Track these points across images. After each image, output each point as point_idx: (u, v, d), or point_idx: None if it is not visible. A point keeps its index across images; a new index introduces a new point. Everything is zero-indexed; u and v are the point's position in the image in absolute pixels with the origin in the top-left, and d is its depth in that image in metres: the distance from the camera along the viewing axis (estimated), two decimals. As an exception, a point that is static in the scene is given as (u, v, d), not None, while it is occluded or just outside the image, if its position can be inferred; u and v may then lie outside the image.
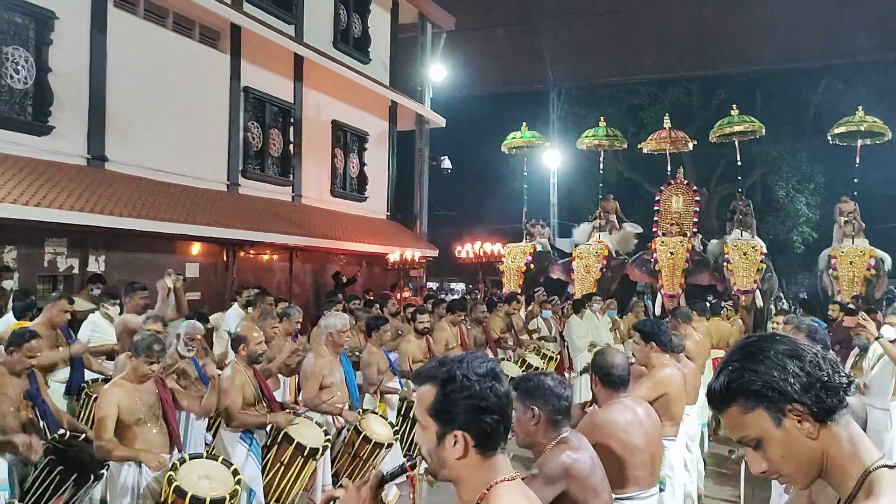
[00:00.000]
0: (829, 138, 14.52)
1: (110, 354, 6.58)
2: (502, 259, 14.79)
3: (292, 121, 14.47)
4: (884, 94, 22.98)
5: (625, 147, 16.78)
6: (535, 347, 9.57)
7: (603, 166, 16.96)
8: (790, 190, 26.19)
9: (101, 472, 4.30)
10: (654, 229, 14.19)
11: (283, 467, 4.97)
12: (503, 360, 8.77)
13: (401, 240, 16.51)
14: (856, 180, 14.05)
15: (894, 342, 6.28)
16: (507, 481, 1.65)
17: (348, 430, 5.61)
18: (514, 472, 1.68)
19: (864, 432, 1.45)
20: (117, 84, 10.49)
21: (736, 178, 16.77)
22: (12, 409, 4.35)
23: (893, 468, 1.36)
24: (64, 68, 9.76)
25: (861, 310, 7.69)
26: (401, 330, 8.45)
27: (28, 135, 9.37)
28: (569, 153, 24.28)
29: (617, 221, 15.63)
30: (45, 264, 9.59)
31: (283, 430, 4.98)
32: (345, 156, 16.48)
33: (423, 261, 16.08)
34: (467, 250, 13.43)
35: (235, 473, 4.20)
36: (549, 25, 23.96)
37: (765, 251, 13.20)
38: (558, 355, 10.12)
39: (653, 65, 23.78)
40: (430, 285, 21.63)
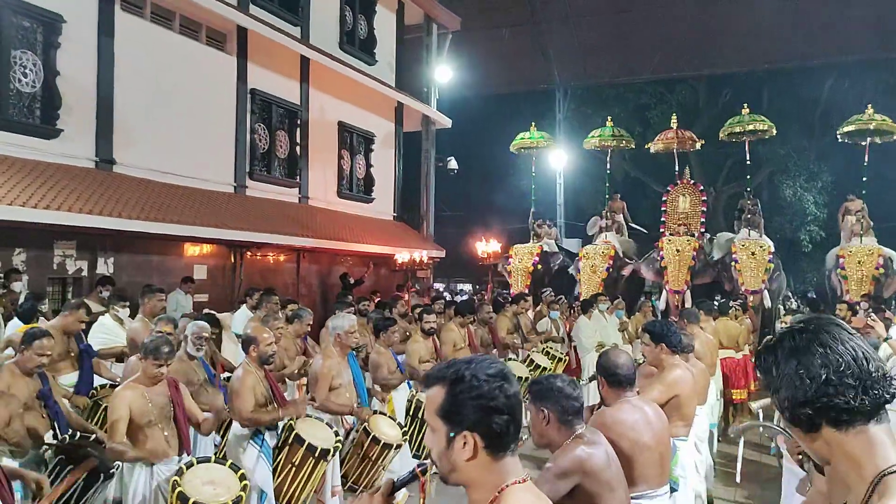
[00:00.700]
0: (839, 136, 14.47)
1: (120, 357, 6.61)
2: (509, 259, 14.79)
3: (299, 122, 14.50)
4: (891, 92, 22.90)
5: (632, 147, 16.76)
6: (543, 348, 9.55)
7: (609, 166, 16.95)
8: (797, 189, 26.10)
9: (112, 472, 4.32)
10: (661, 229, 14.17)
11: (294, 469, 4.97)
12: (511, 360, 8.77)
13: (408, 241, 16.52)
14: (864, 178, 13.99)
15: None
16: (518, 484, 1.64)
17: (357, 432, 5.62)
18: (525, 475, 1.67)
19: None
20: (125, 87, 10.53)
21: (743, 177, 16.75)
22: (20, 412, 4.37)
23: None
24: (71, 72, 9.80)
25: (872, 308, 7.66)
26: (409, 331, 8.46)
27: (36, 138, 9.42)
28: (575, 153, 24.23)
29: (624, 222, 15.62)
30: (55, 267, 9.63)
31: (294, 432, 4.98)
32: (351, 157, 16.50)
33: (431, 261, 16.09)
34: (474, 250, 13.45)
35: (242, 478, 4.19)
36: (554, 25, 23.93)
37: (773, 250, 13.17)
38: (566, 356, 10.09)
39: (659, 64, 23.71)
40: (437, 286, 21.63)
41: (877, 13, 19.70)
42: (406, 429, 6.07)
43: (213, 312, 8.42)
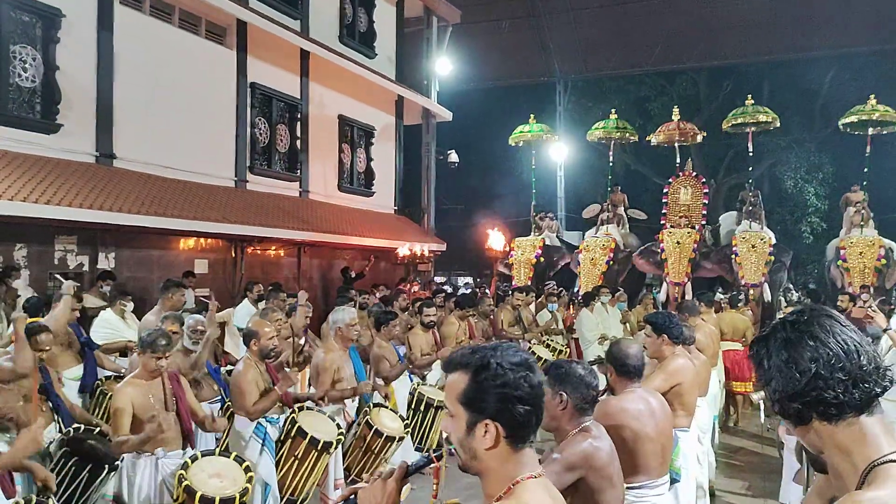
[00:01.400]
0: (841, 127, 14.45)
1: (123, 351, 6.62)
2: (511, 252, 14.77)
3: (299, 116, 14.48)
4: (893, 84, 22.83)
5: (635, 139, 16.75)
6: (544, 340, 9.57)
7: (612, 159, 16.94)
8: (798, 180, 26.07)
9: (116, 464, 4.33)
10: (662, 222, 14.16)
11: (297, 461, 4.98)
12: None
13: (408, 234, 16.51)
14: (865, 170, 13.97)
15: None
16: (533, 478, 1.63)
17: (359, 425, 5.63)
18: (539, 470, 1.66)
19: None
20: (124, 81, 10.51)
21: (745, 168, 16.75)
22: (21, 403, 4.38)
23: None
24: (71, 66, 9.78)
25: (882, 300, 7.66)
26: (410, 324, 8.47)
27: (36, 133, 9.40)
28: (575, 146, 24.19)
29: (625, 214, 15.60)
30: (56, 262, 9.64)
31: (296, 425, 5.00)
32: (352, 151, 16.48)
33: (432, 255, 16.09)
34: (478, 243, 13.45)
35: (248, 471, 4.20)
36: (554, 18, 23.84)
37: (774, 242, 13.15)
38: (567, 348, 10.11)
39: (659, 56, 23.62)
40: (438, 279, 21.64)
41: (877, 4, 19.62)
42: (408, 421, 6.08)
43: (204, 299, 8.39)
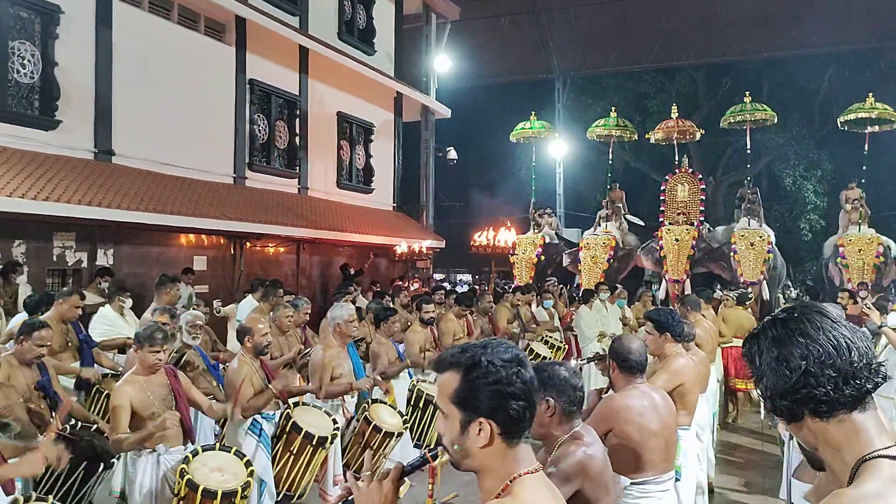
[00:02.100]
0: (839, 125, 14.46)
1: (122, 348, 6.61)
2: (514, 251, 14.75)
3: (298, 113, 14.46)
4: (891, 81, 22.84)
5: (635, 138, 16.76)
6: (542, 337, 9.57)
7: (611, 156, 16.95)
8: (797, 178, 26.09)
9: (112, 462, 4.32)
10: (660, 219, 14.17)
11: (292, 457, 4.99)
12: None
13: (407, 231, 16.50)
14: (864, 167, 13.98)
15: (900, 330, 6.26)
16: (530, 474, 1.61)
17: (358, 421, 5.63)
18: (537, 465, 1.65)
19: None
20: (123, 78, 10.49)
21: (743, 166, 16.77)
22: (20, 401, 4.38)
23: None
24: (70, 62, 9.77)
25: (871, 296, 7.67)
26: (409, 321, 8.47)
27: (35, 129, 9.39)
28: (574, 143, 24.20)
29: (623, 211, 15.61)
30: (54, 258, 9.63)
31: (291, 420, 5.01)
32: (351, 147, 16.47)
33: (430, 252, 16.09)
34: (475, 241, 13.42)
35: (248, 465, 4.21)
36: (553, 14, 23.86)
37: (772, 240, 13.16)
38: (565, 345, 10.11)
39: (658, 53, 23.63)
40: (437, 276, 21.64)
41: (875, 2, 19.63)
42: (407, 417, 6.09)
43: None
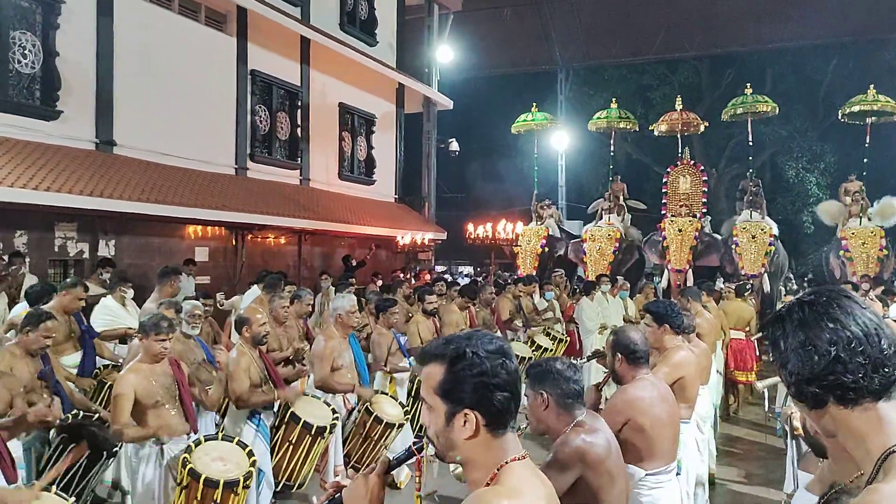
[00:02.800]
0: (841, 117, 14.41)
1: (123, 338, 6.62)
2: (518, 242, 14.71)
3: (300, 104, 14.43)
4: (894, 73, 22.74)
5: (636, 129, 16.71)
6: (544, 329, 9.57)
7: (613, 148, 16.92)
8: (800, 170, 26.03)
9: (115, 451, 4.34)
10: (662, 211, 14.15)
11: (291, 447, 5.00)
12: (513, 341, 8.79)
13: (409, 222, 16.49)
14: (865, 160, 13.94)
15: (905, 322, 6.24)
16: (517, 461, 1.61)
17: (359, 412, 5.64)
18: (523, 452, 1.65)
19: None
20: (124, 68, 10.47)
21: (745, 158, 16.70)
22: (21, 390, 4.39)
23: None
24: (71, 53, 9.74)
25: (873, 288, 7.66)
26: (410, 312, 8.47)
27: (36, 119, 9.38)
28: (576, 134, 24.14)
29: (625, 204, 15.58)
30: (56, 249, 9.64)
31: (290, 410, 5.02)
32: (352, 139, 16.44)
33: (432, 243, 16.06)
34: (476, 232, 13.38)
35: (250, 455, 4.23)
36: (556, 6, 23.73)
37: (774, 233, 13.13)
38: (568, 337, 10.12)
39: (661, 45, 23.52)
40: (438, 268, 21.64)
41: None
42: (408, 409, 6.09)
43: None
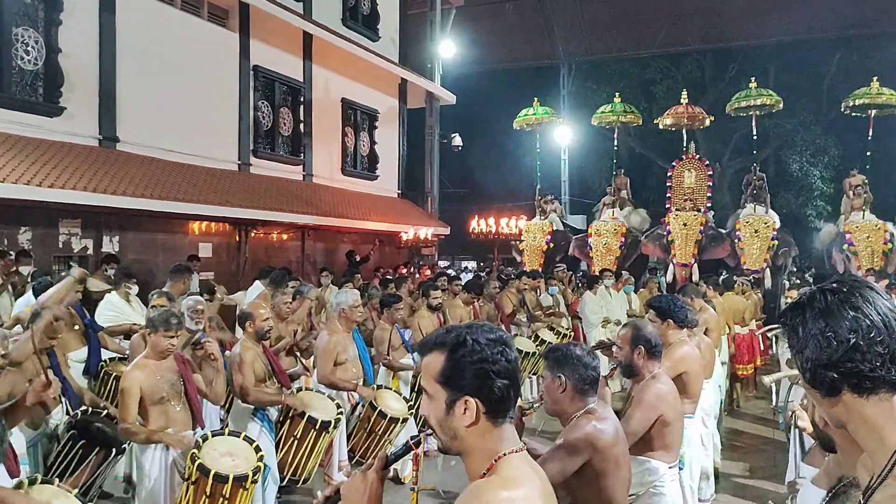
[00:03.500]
0: (844, 110, 14.37)
1: (128, 334, 6.62)
2: (521, 237, 14.70)
3: (302, 99, 14.42)
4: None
5: (639, 123, 16.67)
6: (548, 324, 9.57)
7: (616, 142, 16.89)
8: (804, 163, 25.96)
9: (124, 447, 4.34)
10: (667, 205, 14.12)
11: (296, 441, 5.01)
12: (517, 335, 8.79)
13: (412, 218, 16.49)
14: (868, 153, 13.90)
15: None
16: (515, 453, 1.63)
17: (363, 407, 5.64)
18: (521, 444, 1.66)
19: None
20: (127, 64, 10.47)
21: (749, 152, 16.68)
22: (27, 385, 4.40)
23: None
24: (73, 49, 9.74)
25: (877, 282, 7.63)
26: (415, 308, 8.47)
27: (39, 116, 9.39)
28: (579, 129, 24.10)
29: (627, 199, 15.56)
30: (60, 245, 9.65)
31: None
32: (355, 134, 16.43)
33: (435, 238, 16.06)
34: (479, 227, 13.38)
35: (258, 450, 4.23)
36: (558, 0, 23.67)
37: (778, 226, 13.09)
38: (572, 332, 10.12)
39: (664, 39, 23.46)
40: (442, 263, 21.64)
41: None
42: (412, 403, 6.09)
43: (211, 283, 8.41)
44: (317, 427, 4.97)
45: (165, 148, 11.03)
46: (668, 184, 14.33)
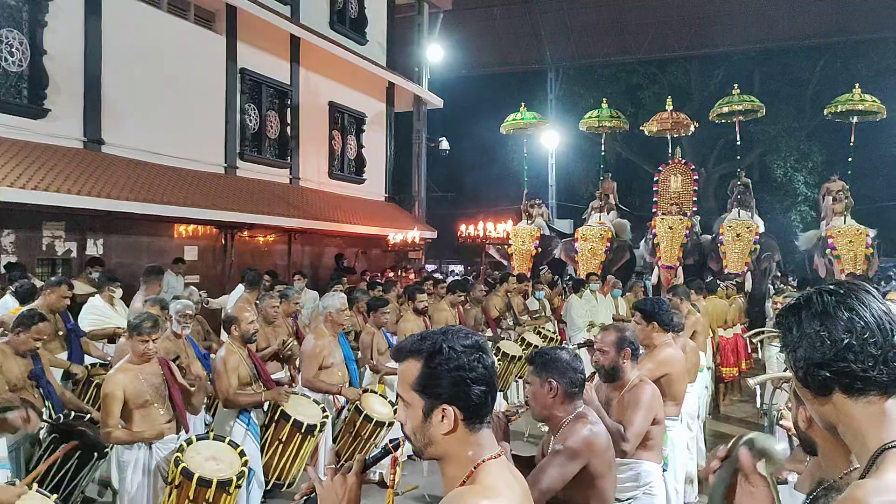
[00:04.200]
0: (826, 115, 14.52)
1: (112, 338, 6.59)
2: (510, 241, 14.70)
3: (289, 103, 14.39)
4: (883, 73, 22.93)
5: (627, 129, 16.77)
6: (535, 327, 9.59)
7: (604, 147, 16.97)
8: (788, 169, 26.18)
9: (106, 451, 4.32)
10: (653, 210, 14.20)
11: (281, 445, 5.00)
12: (503, 339, 8.80)
13: (399, 221, 16.49)
14: (850, 158, 14.03)
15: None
16: (493, 459, 1.63)
17: (349, 410, 5.63)
18: (499, 449, 1.66)
19: None
20: (112, 66, 10.41)
21: (734, 157, 16.79)
22: (7, 389, 4.37)
23: None
24: (59, 51, 9.68)
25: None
26: (402, 312, 8.47)
27: (24, 118, 9.32)
28: (567, 134, 24.19)
29: (614, 204, 15.61)
30: (44, 248, 9.58)
31: (280, 408, 5.01)
32: (342, 138, 16.41)
33: (423, 242, 16.07)
34: (467, 231, 13.39)
35: (242, 455, 4.22)
36: (546, 5, 23.77)
37: (761, 230, 13.19)
38: (559, 336, 10.14)
39: (651, 44, 23.63)
40: (429, 267, 21.64)
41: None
42: (397, 407, 6.09)
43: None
44: (302, 431, 4.96)
45: (151, 150, 10.97)
46: (654, 188, 14.42)
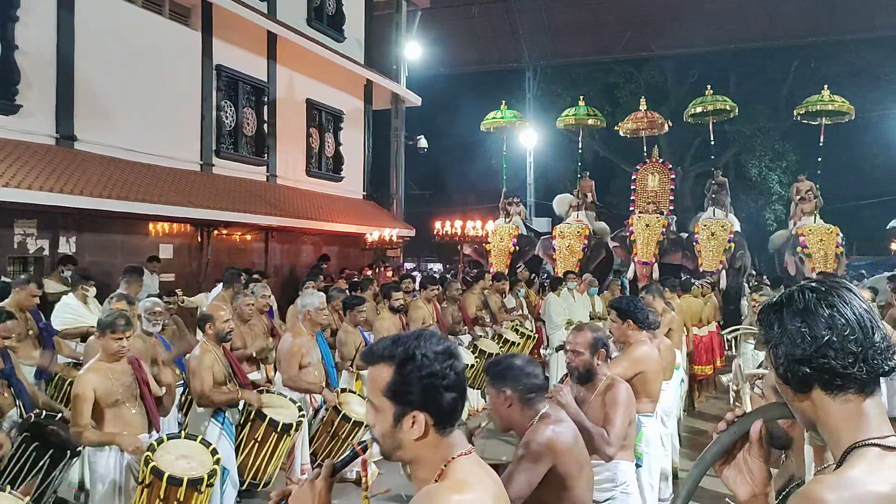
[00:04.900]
0: (796, 116, 14.72)
1: (85, 337, 6.51)
2: (488, 239, 14.72)
3: (266, 100, 14.28)
4: (856, 73, 23.29)
5: (604, 126, 16.87)
6: (513, 325, 9.61)
7: (581, 145, 17.06)
8: (763, 168, 26.52)
9: (78, 450, 4.27)
10: (631, 208, 14.31)
11: (257, 445, 4.97)
12: (481, 337, 8.81)
13: (377, 219, 16.44)
14: (819, 159, 14.23)
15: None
16: (463, 455, 1.63)
17: (327, 410, 5.61)
18: (469, 447, 1.66)
19: None
20: (86, 62, 10.26)
21: (710, 156, 16.97)
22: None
23: (888, 448, 1.31)
24: (31, 46, 9.51)
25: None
26: (378, 310, 8.45)
27: (-6, 114, 9.16)
28: (544, 132, 24.29)
29: (592, 201, 15.71)
30: (15, 246, 9.42)
31: (256, 407, 4.98)
32: (320, 135, 16.32)
33: (400, 241, 16.03)
34: (445, 229, 13.38)
35: (214, 453, 4.19)
36: (524, 4, 23.85)
37: (736, 229, 13.35)
38: (536, 334, 10.18)
39: (628, 44, 23.80)
40: (408, 265, 21.62)
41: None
42: (366, 409, 6.07)
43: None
44: (278, 430, 4.94)
45: (125, 147, 10.82)
46: (632, 187, 14.53)
